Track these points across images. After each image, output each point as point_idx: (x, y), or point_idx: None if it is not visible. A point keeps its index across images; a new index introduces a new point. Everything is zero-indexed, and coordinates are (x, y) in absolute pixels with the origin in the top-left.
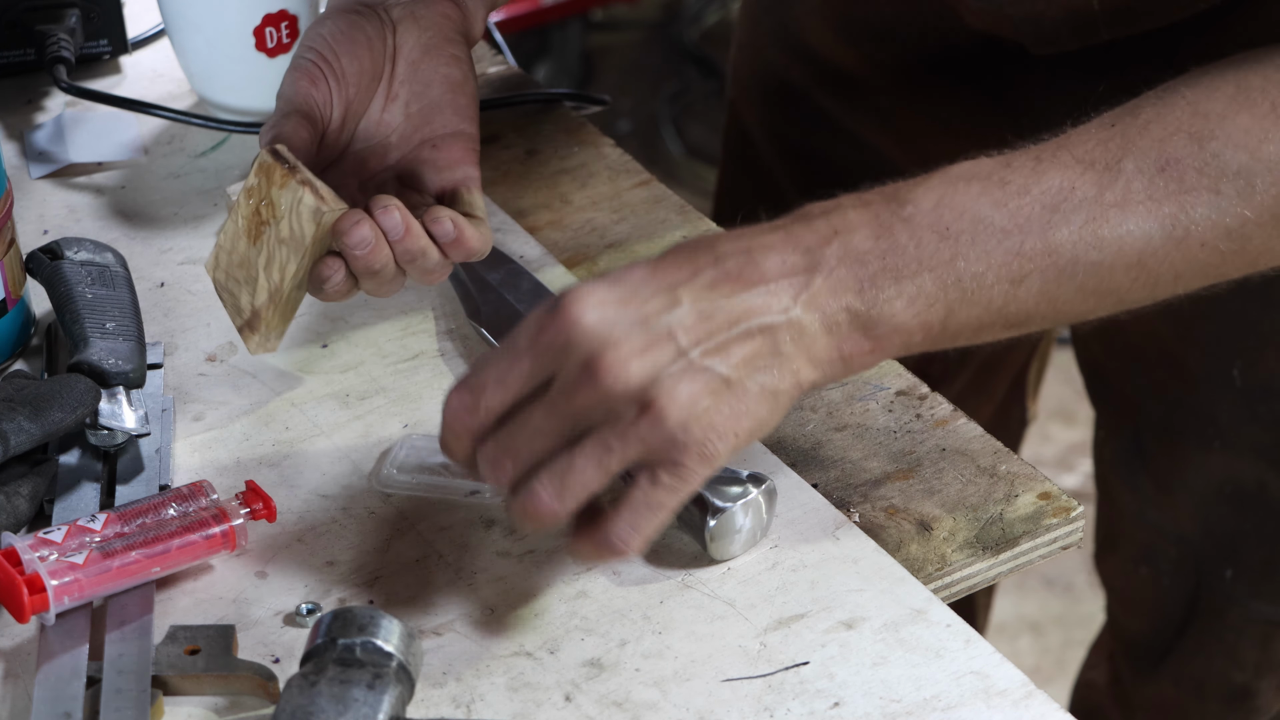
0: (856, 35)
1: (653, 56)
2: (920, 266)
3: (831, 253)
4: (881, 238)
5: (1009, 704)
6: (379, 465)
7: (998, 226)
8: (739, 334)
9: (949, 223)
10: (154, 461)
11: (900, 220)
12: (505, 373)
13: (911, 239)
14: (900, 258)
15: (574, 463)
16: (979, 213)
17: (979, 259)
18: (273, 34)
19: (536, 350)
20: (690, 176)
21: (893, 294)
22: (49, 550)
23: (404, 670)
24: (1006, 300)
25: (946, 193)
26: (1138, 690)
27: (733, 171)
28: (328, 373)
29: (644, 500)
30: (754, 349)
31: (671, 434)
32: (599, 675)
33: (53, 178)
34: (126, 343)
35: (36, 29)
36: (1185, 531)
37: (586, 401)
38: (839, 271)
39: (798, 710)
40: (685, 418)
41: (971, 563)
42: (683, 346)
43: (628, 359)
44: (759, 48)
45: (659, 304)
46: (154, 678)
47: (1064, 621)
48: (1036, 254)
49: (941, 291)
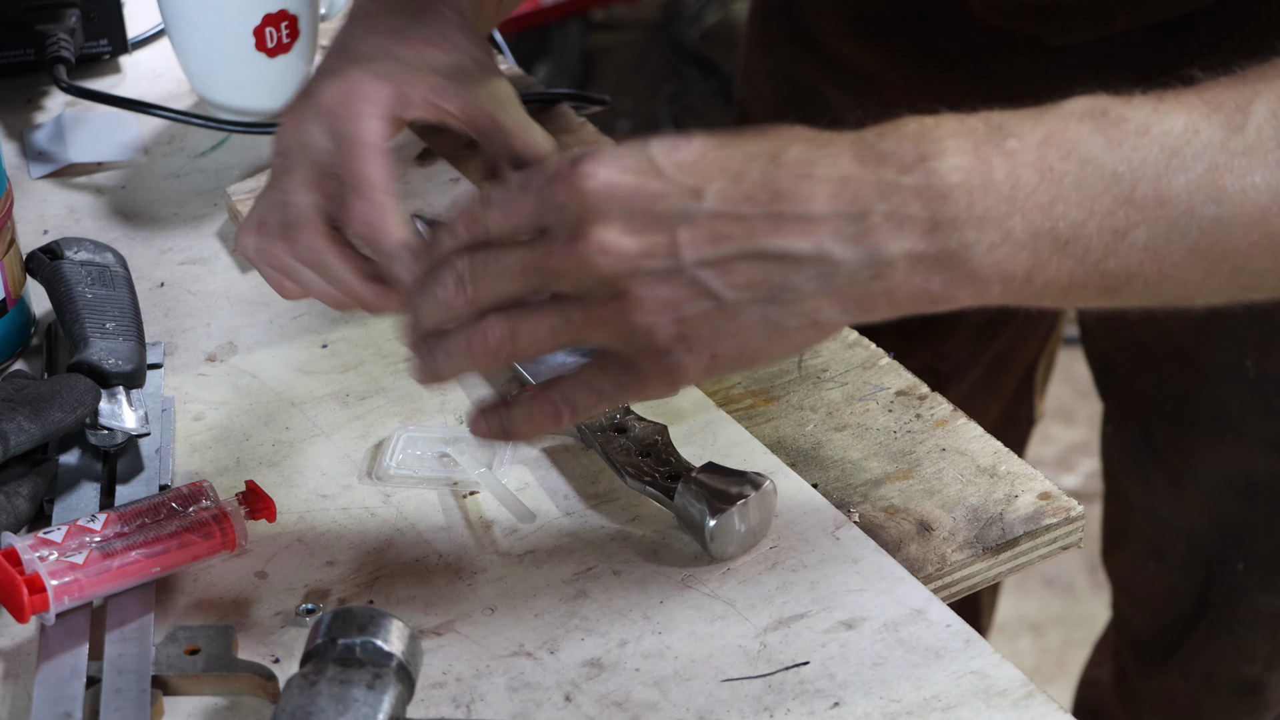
0: (869, 30)
1: (653, 56)
2: (1012, 207)
3: (909, 183)
4: (974, 171)
5: (1009, 704)
6: (376, 459)
7: (1108, 169)
8: (749, 254)
9: (1053, 162)
10: (154, 461)
11: (1001, 153)
12: (509, 202)
13: (1009, 176)
14: (991, 196)
15: (529, 315)
16: (1088, 152)
17: (1081, 204)
18: (273, 34)
19: (541, 196)
20: None
21: (972, 237)
22: (49, 550)
23: (404, 670)
24: (1106, 253)
25: (1056, 128)
26: (1145, 686)
27: None
28: (328, 373)
29: (586, 378)
30: (763, 274)
31: (633, 331)
32: (599, 675)
33: (53, 178)
34: (126, 343)
35: (36, 29)
36: (1195, 525)
37: (561, 266)
38: (912, 205)
39: (798, 710)
40: (651, 322)
41: (971, 563)
42: (680, 248)
43: (615, 241)
44: (769, 45)
45: (679, 194)
46: (154, 678)
47: (1064, 621)
48: (1148, 203)
49: (1031, 239)
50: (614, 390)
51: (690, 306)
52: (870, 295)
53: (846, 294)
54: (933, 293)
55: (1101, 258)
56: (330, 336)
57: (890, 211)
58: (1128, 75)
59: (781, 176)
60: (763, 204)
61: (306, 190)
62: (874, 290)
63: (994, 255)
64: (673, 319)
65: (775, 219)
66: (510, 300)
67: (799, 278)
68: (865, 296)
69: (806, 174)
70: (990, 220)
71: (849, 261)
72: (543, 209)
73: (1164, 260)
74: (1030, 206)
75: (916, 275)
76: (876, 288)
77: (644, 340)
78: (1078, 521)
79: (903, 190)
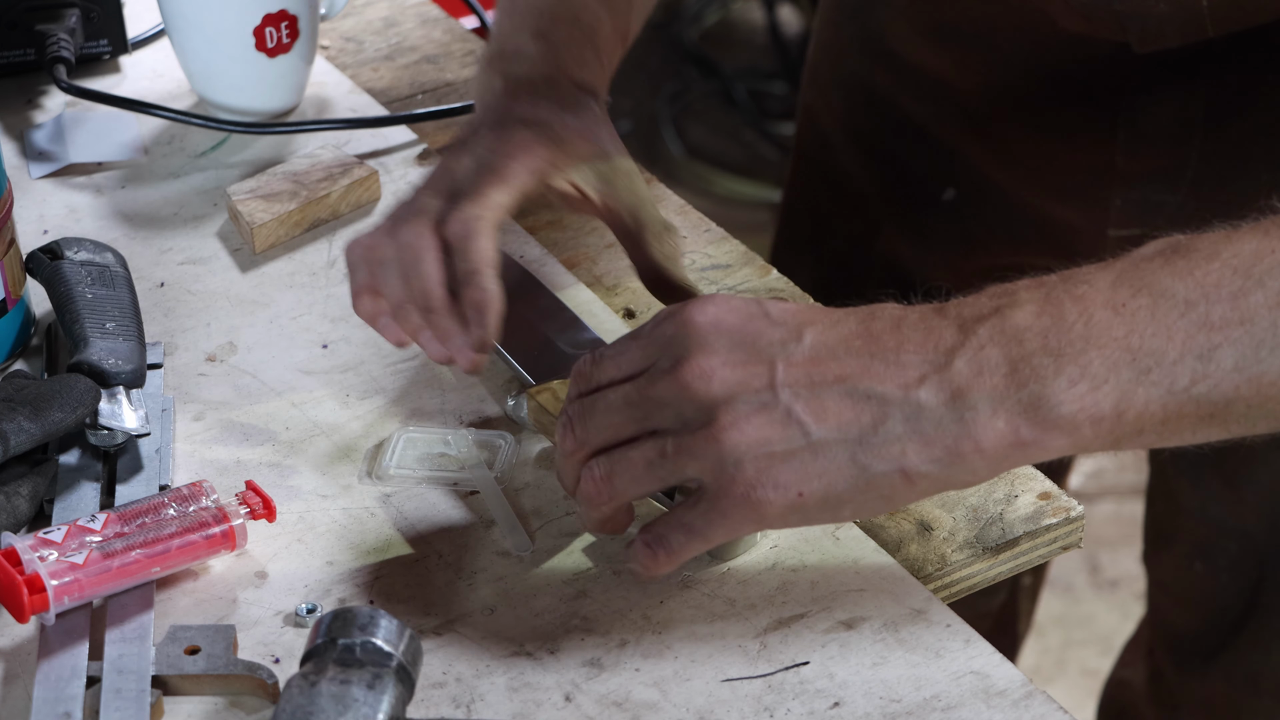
0: (946, 41)
1: (653, 56)
2: (1087, 344)
3: (985, 329)
4: (1045, 314)
5: (1009, 704)
6: (376, 459)
7: (1180, 297)
8: (842, 392)
9: (1125, 298)
10: (154, 461)
11: (1072, 297)
12: (622, 352)
13: (1080, 316)
14: (1064, 335)
15: (628, 454)
16: (1158, 284)
17: (1157, 333)
18: (273, 34)
19: (650, 337)
20: (690, 176)
21: (1050, 376)
22: (49, 550)
23: (404, 670)
24: (1194, 379)
25: (1126, 269)
26: (1183, 686)
27: (806, 174)
28: (328, 372)
29: (677, 517)
30: (853, 413)
31: (722, 460)
32: (599, 675)
33: (53, 178)
34: (126, 343)
35: (36, 29)
36: (1249, 526)
37: (663, 393)
38: (989, 350)
39: (798, 710)
40: (742, 452)
41: (971, 563)
42: (776, 380)
43: (716, 368)
44: (841, 53)
45: (779, 333)
46: (154, 678)
47: (1064, 621)
48: (1227, 323)
49: (1110, 371)
50: (703, 525)
51: (780, 441)
52: (958, 443)
53: (934, 441)
54: (1023, 439)
55: (1190, 384)
56: (330, 336)
57: (970, 357)
58: (1211, 84)
59: (875, 325)
60: (856, 348)
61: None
62: (960, 437)
63: (1075, 392)
64: (763, 451)
65: (867, 361)
66: (616, 439)
67: (887, 420)
68: (953, 444)
69: (896, 325)
70: (1066, 357)
71: (934, 407)
72: (650, 350)
73: (1260, 380)
74: (1105, 341)
75: (1000, 419)
76: (963, 434)
77: (733, 471)
78: (1078, 521)
79: (980, 337)
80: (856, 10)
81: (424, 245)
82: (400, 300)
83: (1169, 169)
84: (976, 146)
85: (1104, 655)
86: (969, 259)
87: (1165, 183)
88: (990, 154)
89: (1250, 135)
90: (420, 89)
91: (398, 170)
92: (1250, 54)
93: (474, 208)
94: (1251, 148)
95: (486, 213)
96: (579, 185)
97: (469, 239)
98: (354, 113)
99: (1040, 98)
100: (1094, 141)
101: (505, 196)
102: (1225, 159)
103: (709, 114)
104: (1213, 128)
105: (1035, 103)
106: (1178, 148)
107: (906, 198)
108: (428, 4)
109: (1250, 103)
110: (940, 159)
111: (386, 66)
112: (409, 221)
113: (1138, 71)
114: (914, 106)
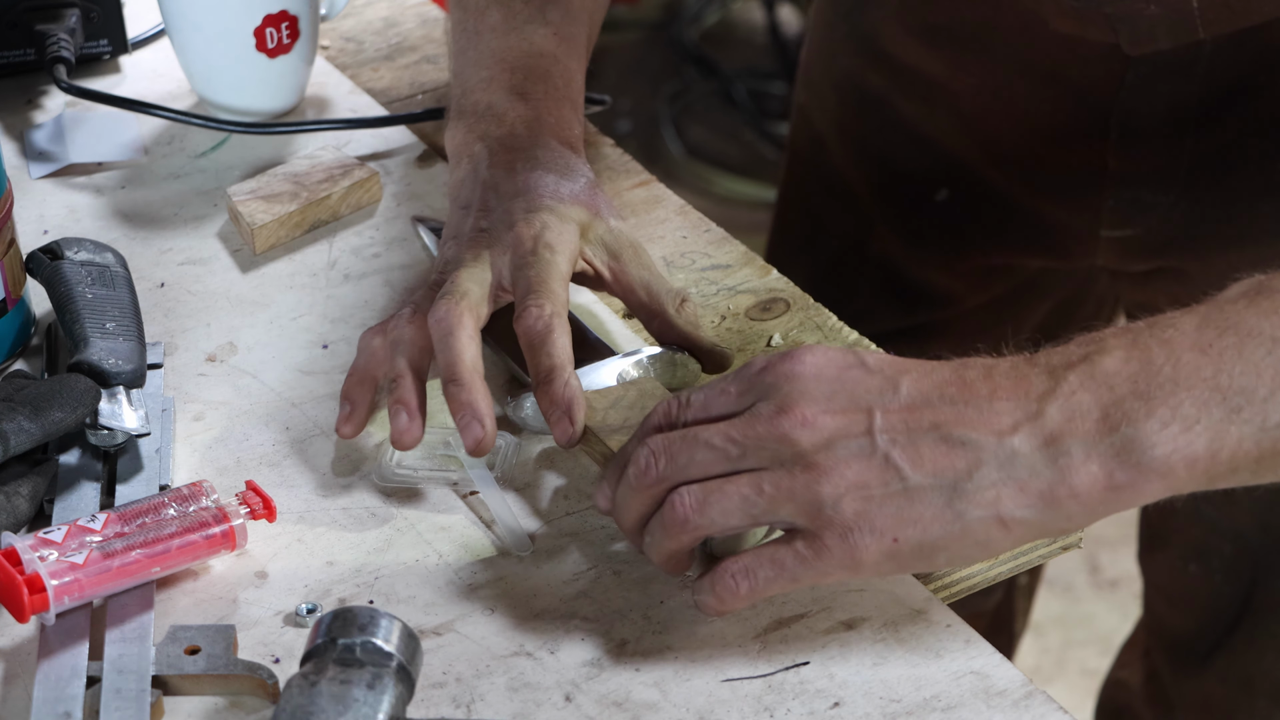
0: (939, 41)
1: (653, 56)
2: (1176, 386)
3: (1075, 375)
4: (1133, 359)
5: (1009, 704)
6: (376, 459)
7: (1266, 335)
8: (937, 438)
9: (1211, 339)
10: (154, 461)
11: (1159, 342)
12: (713, 397)
13: (1169, 359)
14: (1153, 379)
15: (724, 487)
16: (1245, 324)
17: (1246, 372)
18: (273, 34)
19: (749, 381)
20: (690, 176)
21: (1141, 419)
22: (49, 550)
23: (404, 670)
24: None
25: (1211, 312)
26: (1179, 687)
27: (800, 174)
28: (328, 372)
29: (771, 553)
30: (948, 460)
31: (820, 503)
32: (599, 675)
33: (53, 178)
34: (126, 343)
35: (36, 29)
36: (1243, 528)
37: (762, 436)
38: (1080, 395)
39: (798, 710)
40: (840, 494)
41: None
42: (875, 428)
43: (817, 415)
44: (834, 53)
45: (877, 382)
46: (154, 678)
47: (1064, 621)
48: None
49: (1202, 411)
50: (795, 565)
51: (878, 486)
52: (1053, 489)
53: (1029, 487)
54: (1117, 483)
55: None
56: (330, 336)
57: (1062, 403)
58: (1202, 84)
59: (968, 374)
60: (950, 395)
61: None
62: (1055, 483)
63: (1168, 434)
64: (860, 496)
65: (961, 409)
66: (704, 475)
67: (981, 466)
68: (1048, 490)
69: (988, 373)
70: (1156, 400)
71: (1028, 453)
72: (749, 393)
73: None
74: (1195, 382)
75: (1094, 463)
76: (1057, 480)
77: (830, 514)
78: None
79: (1071, 383)
80: (849, 11)
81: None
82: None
83: (1161, 169)
84: (969, 147)
85: (1104, 655)
86: (962, 259)
87: (1157, 183)
88: (983, 154)
89: (1242, 136)
90: (420, 89)
91: (398, 171)
92: (1241, 55)
93: (548, 303)
94: (1243, 148)
95: (561, 309)
96: (591, 261)
97: (549, 334)
98: (354, 113)
99: (1032, 98)
100: (1086, 142)
101: (565, 289)
102: (1217, 159)
103: (709, 114)
104: (1205, 128)
105: (1027, 103)
106: (1170, 148)
107: (900, 198)
108: (428, 4)
109: (1241, 104)
110: (933, 159)
111: (386, 66)
112: (462, 323)
113: (1131, 72)
114: (907, 107)
